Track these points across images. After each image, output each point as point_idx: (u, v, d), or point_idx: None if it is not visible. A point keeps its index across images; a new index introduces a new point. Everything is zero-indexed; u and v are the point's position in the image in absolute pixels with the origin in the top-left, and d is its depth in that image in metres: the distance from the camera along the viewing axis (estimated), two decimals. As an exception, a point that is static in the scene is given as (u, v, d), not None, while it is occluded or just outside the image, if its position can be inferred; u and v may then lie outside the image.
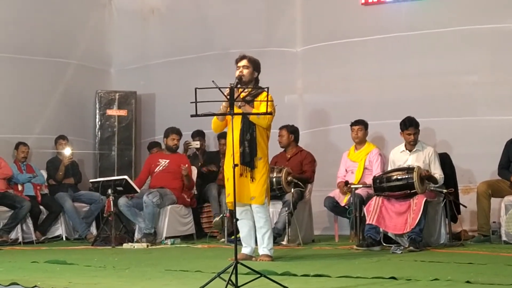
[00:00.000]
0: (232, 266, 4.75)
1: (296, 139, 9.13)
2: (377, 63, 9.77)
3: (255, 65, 6.70)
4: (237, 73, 6.61)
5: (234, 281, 4.65)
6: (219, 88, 5.39)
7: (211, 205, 9.71)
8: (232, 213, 7.09)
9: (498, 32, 9.12)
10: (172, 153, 9.56)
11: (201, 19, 11.02)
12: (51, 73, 10.83)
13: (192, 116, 5.05)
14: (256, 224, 6.64)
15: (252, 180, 6.54)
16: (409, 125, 8.16)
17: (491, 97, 9.18)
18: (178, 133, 9.61)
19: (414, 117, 8.18)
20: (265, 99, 6.11)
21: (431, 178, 7.88)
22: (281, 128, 9.03)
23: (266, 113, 5.95)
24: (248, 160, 6.51)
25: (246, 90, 6.46)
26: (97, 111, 10.89)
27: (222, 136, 9.30)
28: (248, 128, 6.51)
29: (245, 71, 6.62)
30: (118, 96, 10.95)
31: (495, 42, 9.17)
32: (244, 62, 6.66)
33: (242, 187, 6.46)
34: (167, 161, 9.49)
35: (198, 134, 10.16)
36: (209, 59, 10.75)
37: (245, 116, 6.41)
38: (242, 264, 4.94)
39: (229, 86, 5.60)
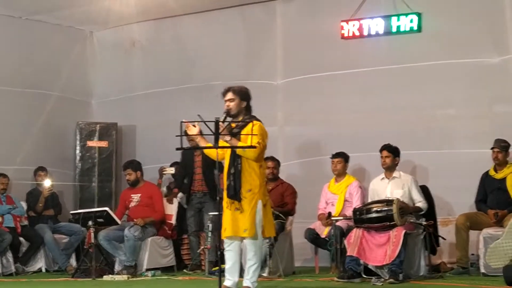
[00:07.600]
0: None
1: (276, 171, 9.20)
2: (357, 96, 9.85)
3: (241, 95, 6.63)
4: (225, 107, 6.58)
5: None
6: (205, 122, 5.45)
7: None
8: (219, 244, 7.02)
9: (474, 66, 9.22)
10: (140, 186, 9.56)
11: (182, 51, 11.09)
12: (32, 105, 10.86)
13: (177, 149, 5.10)
14: (247, 255, 6.64)
15: (241, 212, 6.48)
16: (382, 148, 8.42)
17: (468, 131, 9.26)
18: (128, 167, 9.60)
19: (390, 144, 8.39)
20: (251, 131, 6.15)
21: (414, 209, 8.01)
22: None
23: (250, 147, 5.98)
24: (232, 193, 6.48)
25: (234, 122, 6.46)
26: (78, 143, 10.90)
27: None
28: (233, 162, 6.49)
29: (231, 104, 6.58)
30: (99, 127, 10.96)
31: (472, 76, 9.27)
32: (229, 96, 6.61)
33: (235, 220, 6.45)
34: (139, 195, 9.50)
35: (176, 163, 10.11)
36: (189, 91, 10.84)
37: (233, 149, 6.40)
38: (226, 296, 4.96)
39: (214, 120, 5.63)
